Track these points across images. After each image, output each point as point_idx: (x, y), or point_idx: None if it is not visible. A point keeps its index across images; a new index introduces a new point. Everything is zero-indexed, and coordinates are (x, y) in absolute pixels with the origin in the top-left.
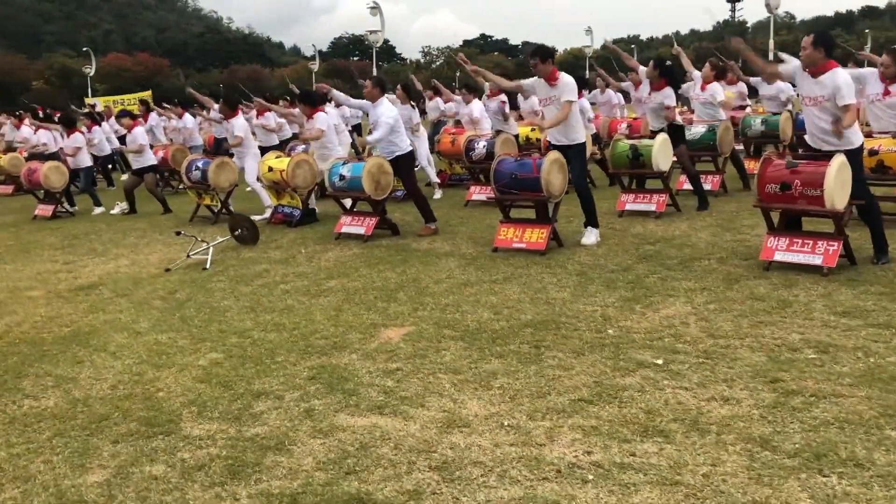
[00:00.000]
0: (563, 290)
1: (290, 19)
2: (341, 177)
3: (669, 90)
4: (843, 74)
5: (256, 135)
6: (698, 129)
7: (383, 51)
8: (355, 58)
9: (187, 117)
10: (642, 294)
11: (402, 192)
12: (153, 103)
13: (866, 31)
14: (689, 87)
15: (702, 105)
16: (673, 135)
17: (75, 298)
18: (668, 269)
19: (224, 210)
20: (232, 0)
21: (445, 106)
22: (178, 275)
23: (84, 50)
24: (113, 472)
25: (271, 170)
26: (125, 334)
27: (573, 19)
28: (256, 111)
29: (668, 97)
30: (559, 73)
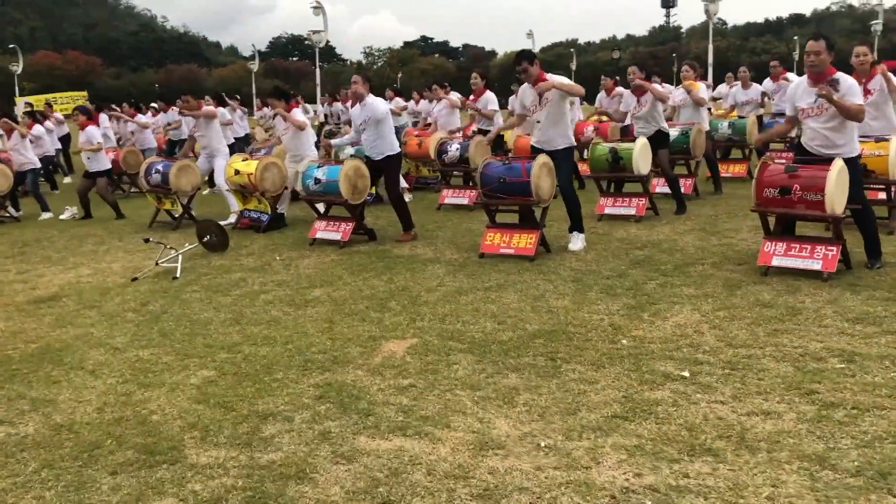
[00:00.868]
0: (562, 297)
1: (227, 19)
2: (316, 180)
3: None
4: (847, 78)
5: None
6: (672, 132)
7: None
8: (294, 58)
9: (140, 118)
10: (645, 301)
11: (371, 197)
12: (89, 103)
13: (794, 37)
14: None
15: (685, 109)
16: (658, 140)
17: (37, 311)
18: (664, 275)
19: (186, 215)
20: None
21: (420, 107)
22: (147, 284)
23: (10, 47)
24: None
25: (238, 173)
26: (101, 350)
27: (513, 22)
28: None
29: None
30: (547, 75)
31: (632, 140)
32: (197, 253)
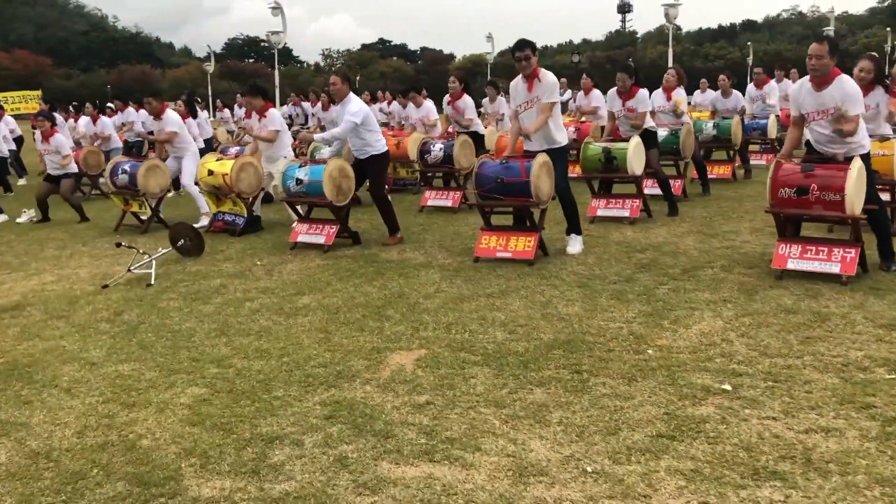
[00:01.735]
0: (571, 304)
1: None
2: (298, 181)
3: (643, 92)
4: (850, 82)
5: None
6: (660, 133)
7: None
8: (251, 60)
9: (104, 120)
10: (662, 307)
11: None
12: (43, 103)
13: (748, 43)
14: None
15: (664, 114)
16: (646, 139)
17: None
18: (674, 280)
19: (155, 218)
20: None
21: (392, 108)
22: (119, 292)
23: None
24: None
25: (212, 173)
26: (76, 366)
27: (472, 25)
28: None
29: (642, 102)
30: (541, 71)
31: (623, 140)
32: (170, 258)
